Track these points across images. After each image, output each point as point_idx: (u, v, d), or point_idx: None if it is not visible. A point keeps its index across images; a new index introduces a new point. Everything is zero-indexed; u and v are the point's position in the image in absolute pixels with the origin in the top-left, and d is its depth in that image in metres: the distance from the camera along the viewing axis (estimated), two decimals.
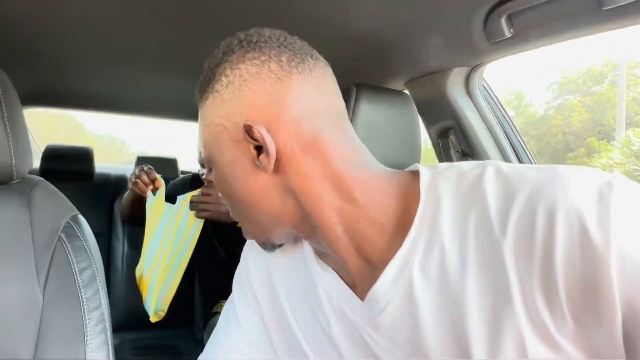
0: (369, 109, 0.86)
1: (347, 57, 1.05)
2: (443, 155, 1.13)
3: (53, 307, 0.60)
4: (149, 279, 1.16)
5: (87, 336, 0.60)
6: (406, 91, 1.15)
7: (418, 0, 0.74)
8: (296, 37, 0.45)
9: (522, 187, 0.36)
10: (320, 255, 0.48)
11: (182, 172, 1.98)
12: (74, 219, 0.68)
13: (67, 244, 0.65)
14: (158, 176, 1.22)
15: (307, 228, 0.44)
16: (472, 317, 0.36)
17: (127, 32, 0.93)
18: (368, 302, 0.42)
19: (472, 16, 0.77)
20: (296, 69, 0.41)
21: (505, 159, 1.04)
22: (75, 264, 0.64)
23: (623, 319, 0.31)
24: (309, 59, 0.43)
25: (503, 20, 0.74)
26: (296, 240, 0.51)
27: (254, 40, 0.42)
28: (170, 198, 1.23)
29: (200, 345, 1.33)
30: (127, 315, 1.54)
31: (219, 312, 1.26)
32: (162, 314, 1.16)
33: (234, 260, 1.31)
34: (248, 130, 0.40)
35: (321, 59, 0.45)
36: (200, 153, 1.21)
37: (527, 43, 0.78)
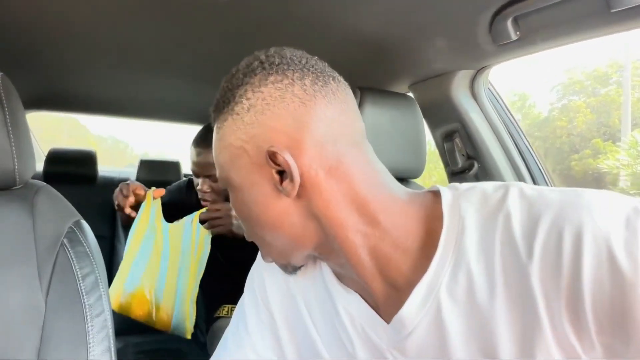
0: (374, 112, 0.85)
1: (351, 60, 1.04)
2: (448, 158, 1.12)
3: (56, 314, 0.60)
4: (168, 307, 1.12)
5: (89, 343, 0.60)
6: (410, 94, 1.14)
7: (423, 3, 0.74)
8: (316, 57, 0.44)
9: (547, 210, 0.35)
10: (339, 276, 0.47)
11: (185, 175, 1.99)
12: (77, 224, 0.67)
13: (69, 249, 0.64)
14: (149, 192, 1.14)
15: (327, 250, 0.44)
16: (502, 340, 0.35)
17: (130, 35, 0.93)
18: (394, 325, 0.41)
19: (478, 19, 0.76)
20: (320, 93, 0.41)
21: (512, 162, 1.03)
22: (78, 270, 0.63)
23: None
24: (332, 82, 0.42)
25: (509, 23, 0.73)
26: (314, 259, 0.51)
27: (276, 63, 0.41)
28: (167, 205, 1.20)
29: (203, 349, 1.33)
30: (131, 319, 1.54)
31: (222, 317, 1.26)
32: (192, 329, 1.14)
33: (233, 264, 1.30)
34: (271, 156, 0.39)
35: (342, 80, 0.45)
36: (195, 164, 1.19)
37: (533, 45, 0.77)
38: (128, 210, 1.12)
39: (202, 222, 1.13)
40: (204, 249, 1.14)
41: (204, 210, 1.14)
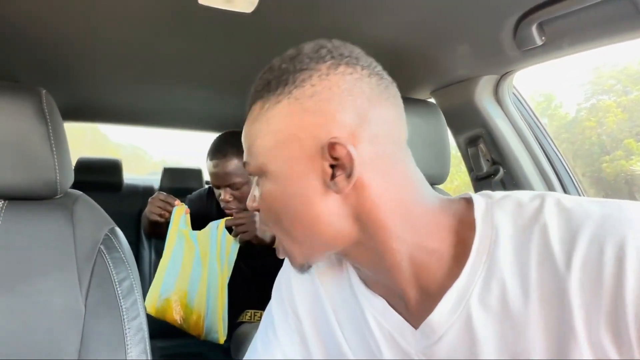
0: None
1: None
2: (472, 163, 1.11)
3: (95, 317, 0.63)
4: (200, 309, 1.15)
5: (127, 345, 0.63)
6: (432, 100, 1.14)
7: (446, 10, 0.74)
8: (373, 59, 0.44)
9: (587, 222, 0.35)
10: (366, 280, 0.47)
11: (207, 182, 2.02)
12: (112, 231, 0.71)
13: (106, 255, 0.67)
14: (181, 205, 1.21)
15: (359, 252, 0.42)
16: (535, 351, 0.35)
17: (155, 48, 0.97)
18: (422, 331, 0.41)
19: (502, 25, 0.76)
20: (384, 94, 0.40)
21: (538, 166, 1.02)
22: (114, 275, 0.66)
23: None
24: (391, 86, 0.42)
25: (534, 29, 0.73)
26: (340, 261, 0.51)
27: (346, 55, 0.40)
28: (190, 215, 1.23)
29: (227, 354, 1.35)
30: (156, 323, 1.58)
31: (245, 322, 1.28)
32: (226, 335, 1.16)
33: (257, 272, 1.31)
34: (330, 148, 0.37)
35: (396, 87, 0.44)
36: (213, 175, 1.21)
37: (559, 50, 0.76)
38: (161, 219, 1.19)
39: (228, 229, 1.16)
40: (231, 254, 1.16)
41: (229, 217, 1.17)
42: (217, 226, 1.17)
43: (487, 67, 0.94)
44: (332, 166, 0.38)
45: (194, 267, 1.17)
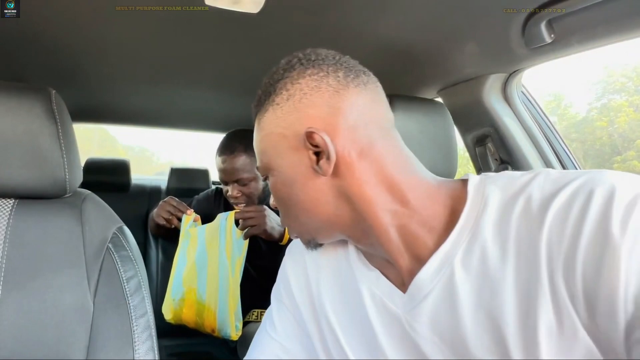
0: (403, 119, 0.85)
1: (380, 68, 1.04)
2: (480, 162, 1.11)
3: (103, 314, 0.64)
4: (210, 306, 1.15)
5: (135, 342, 0.63)
6: (439, 99, 1.13)
7: (453, 9, 0.73)
8: (348, 56, 0.49)
9: (566, 186, 0.37)
10: (368, 256, 0.51)
11: (214, 183, 2.03)
12: (120, 230, 0.71)
13: (114, 253, 0.68)
14: (191, 215, 1.22)
15: (357, 232, 0.47)
16: (507, 306, 0.37)
17: (163, 50, 0.98)
18: (410, 292, 0.44)
19: (510, 23, 0.75)
20: (352, 83, 0.45)
21: (548, 164, 1.00)
22: (122, 273, 0.67)
23: (627, 317, 0.32)
24: (362, 75, 0.47)
25: (543, 26, 0.72)
26: (342, 243, 0.54)
27: (313, 59, 0.46)
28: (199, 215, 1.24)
29: (233, 354, 1.36)
30: (163, 322, 1.60)
31: (251, 321, 1.29)
32: (240, 331, 1.15)
33: (263, 273, 1.31)
34: (309, 137, 0.43)
35: (372, 75, 0.49)
36: (222, 171, 1.22)
37: (569, 48, 0.75)
38: (167, 225, 1.21)
39: (236, 222, 1.16)
40: (241, 246, 1.15)
41: (238, 210, 1.17)
42: (226, 217, 1.17)
43: (495, 65, 0.93)
44: (316, 154, 0.44)
45: (198, 262, 1.17)
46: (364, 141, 0.44)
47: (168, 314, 1.18)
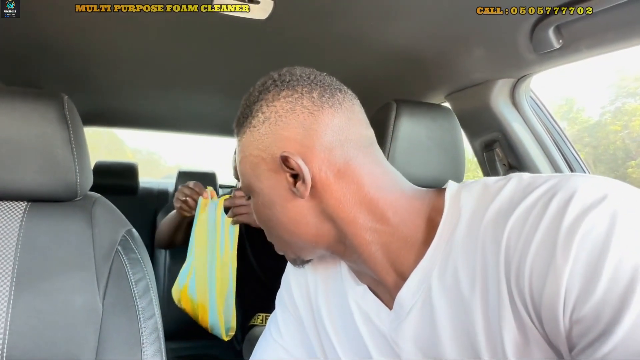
0: (410, 125, 0.85)
1: (388, 74, 1.05)
2: (488, 168, 1.10)
3: (112, 316, 0.65)
4: (204, 302, 1.13)
5: (143, 344, 0.64)
6: (447, 104, 1.13)
7: (461, 15, 0.73)
8: (325, 73, 0.48)
9: (537, 188, 0.36)
10: (356, 272, 0.51)
11: (221, 186, 2.04)
12: (129, 232, 0.72)
13: (123, 256, 0.69)
14: (209, 189, 1.19)
15: (341, 248, 0.47)
16: (478, 326, 0.37)
17: (173, 56, 0.99)
18: (395, 310, 0.45)
19: (518, 28, 0.75)
20: (327, 104, 0.44)
21: (556, 169, 1.00)
22: (131, 275, 0.68)
23: (565, 326, 0.31)
24: (338, 93, 0.46)
25: (551, 32, 0.72)
26: (334, 257, 0.54)
27: (287, 80, 0.46)
28: None
29: (239, 357, 1.36)
30: (169, 324, 1.60)
31: (257, 325, 1.29)
32: (232, 332, 1.14)
33: (270, 274, 1.31)
34: (284, 160, 0.43)
35: (349, 92, 0.48)
36: (234, 169, 1.23)
37: (577, 53, 0.75)
38: (185, 209, 1.17)
39: (226, 210, 1.12)
40: (231, 238, 1.11)
41: (227, 196, 1.13)
42: (215, 208, 1.13)
43: (504, 70, 0.92)
44: (293, 176, 0.44)
45: (188, 257, 1.15)
46: (341, 161, 0.43)
47: (176, 300, 1.18)
